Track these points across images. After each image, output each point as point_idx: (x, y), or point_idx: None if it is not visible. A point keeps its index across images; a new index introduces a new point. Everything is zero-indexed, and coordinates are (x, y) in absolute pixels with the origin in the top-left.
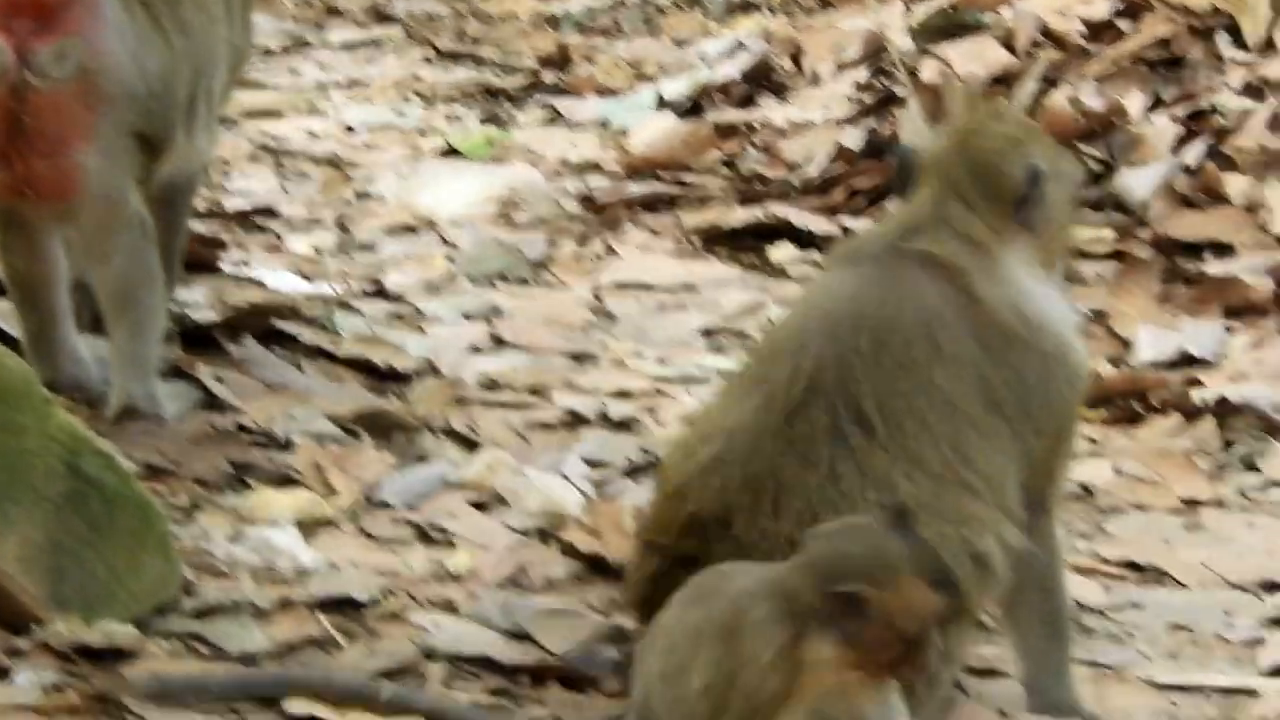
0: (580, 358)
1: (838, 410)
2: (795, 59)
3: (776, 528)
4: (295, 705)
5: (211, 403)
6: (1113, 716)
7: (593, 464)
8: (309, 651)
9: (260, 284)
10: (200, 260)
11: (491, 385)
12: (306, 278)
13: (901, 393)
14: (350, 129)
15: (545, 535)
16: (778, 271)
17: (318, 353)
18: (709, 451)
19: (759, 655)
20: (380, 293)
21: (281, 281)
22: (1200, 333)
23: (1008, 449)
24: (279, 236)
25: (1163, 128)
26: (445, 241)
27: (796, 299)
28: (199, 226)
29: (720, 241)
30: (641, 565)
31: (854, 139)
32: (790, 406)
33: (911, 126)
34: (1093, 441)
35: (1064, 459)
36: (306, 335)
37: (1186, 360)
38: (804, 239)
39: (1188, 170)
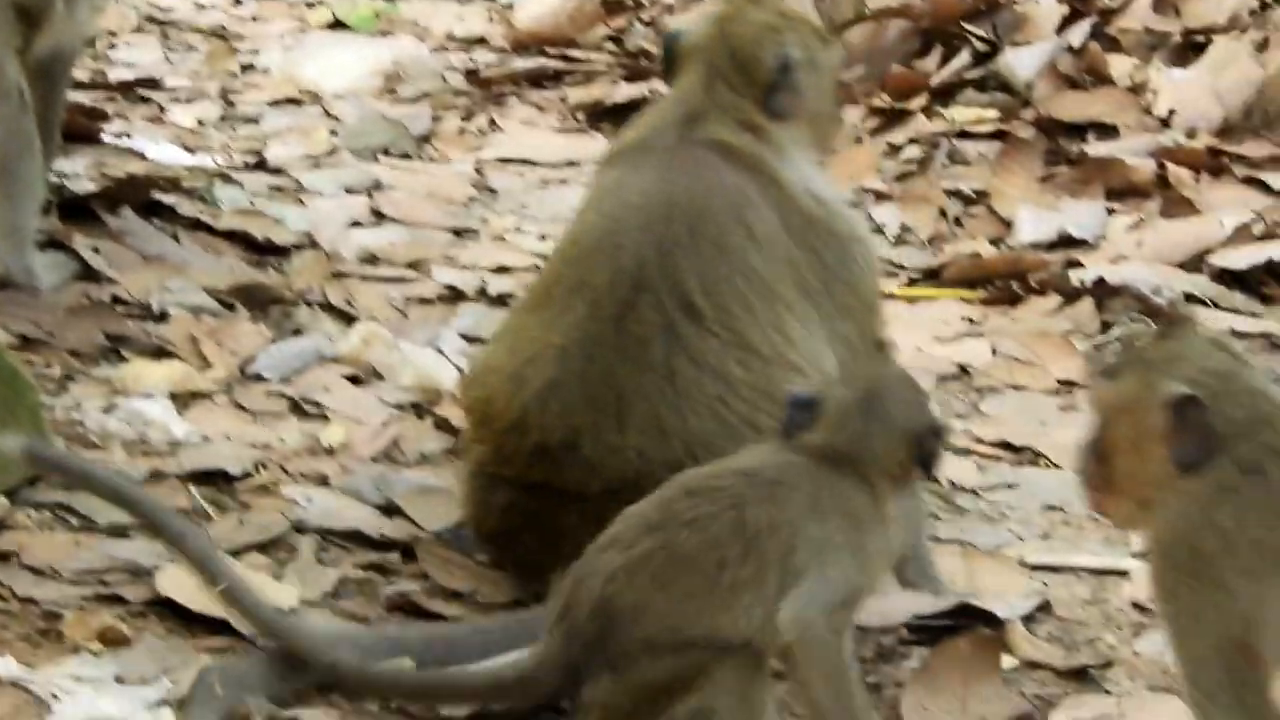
0: (461, 233)
1: (666, 305)
2: None
3: (623, 440)
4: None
5: (88, 274)
6: (984, 596)
7: (470, 339)
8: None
9: (141, 155)
10: (81, 131)
11: (370, 259)
12: (189, 149)
13: (724, 277)
14: (237, 0)
15: (420, 410)
16: None
17: (196, 225)
18: (543, 376)
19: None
20: (261, 165)
21: (163, 153)
22: (1081, 214)
23: (820, 332)
24: (162, 108)
25: (1048, 7)
26: (329, 115)
27: (590, 199)
28: (81, 97)
29: (605, 118)
30: (488, 499)
31: None
32: (618, 310)
33: (797, 4)
34: (971, 322)
35: (869, 334)
36: (185, 207)
37: (1067, 241)
38: None
39: (1072, 50)
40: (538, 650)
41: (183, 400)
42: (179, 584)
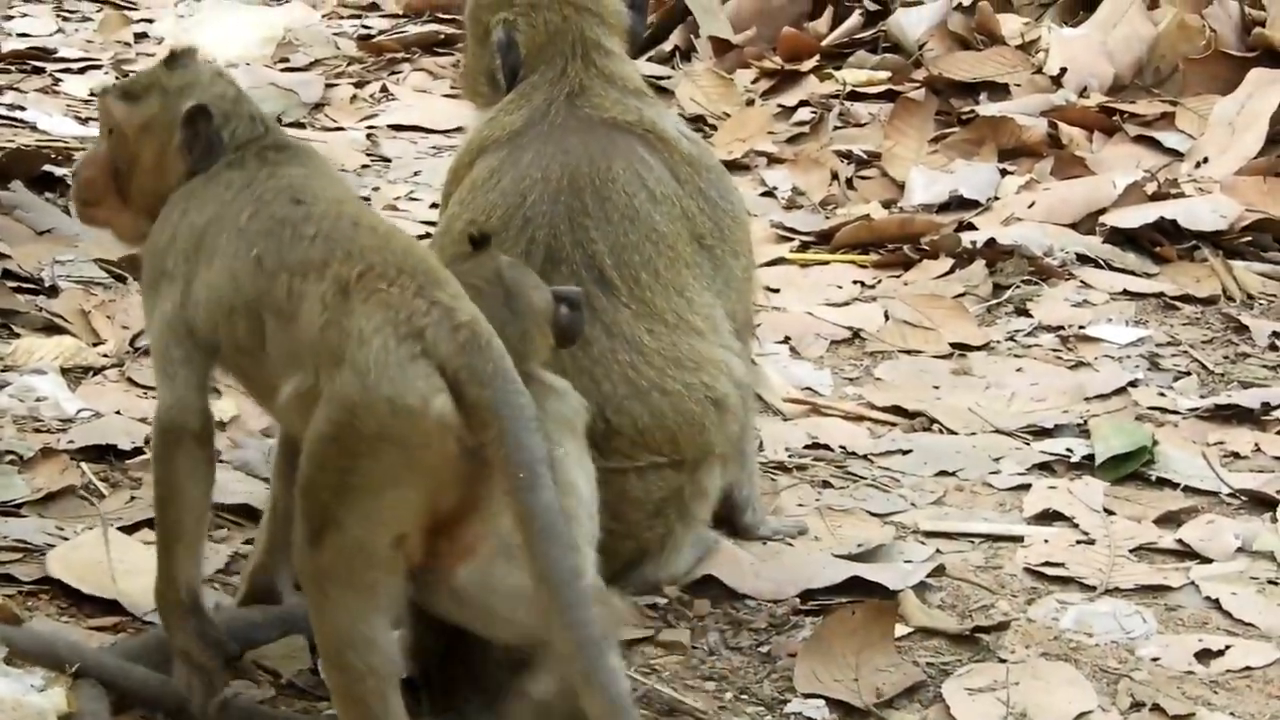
0: None
1: (581, 274)
2: None
3: None
4: None
5: None
6: (876, 565)
7: None
8: (70, 500)
9: (33, 126)
10: None
11: None
12: (81, 120)
13: (633, 245)
14: None
15: None
16: None
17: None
18: None
19: None
20: None
21: (55, 124)
22: (973, 175)
23: (711, 283)
24: (55, 79)
25: None
26: None
27: (478, 183)
28: None
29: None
30: None
31: None
32: None
33: None
34: (863, 285)
35: (755, 280)
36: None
37: (959, 203)
38: None
39: (963, 9)
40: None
41: (74, 375)
42: (68, 564)
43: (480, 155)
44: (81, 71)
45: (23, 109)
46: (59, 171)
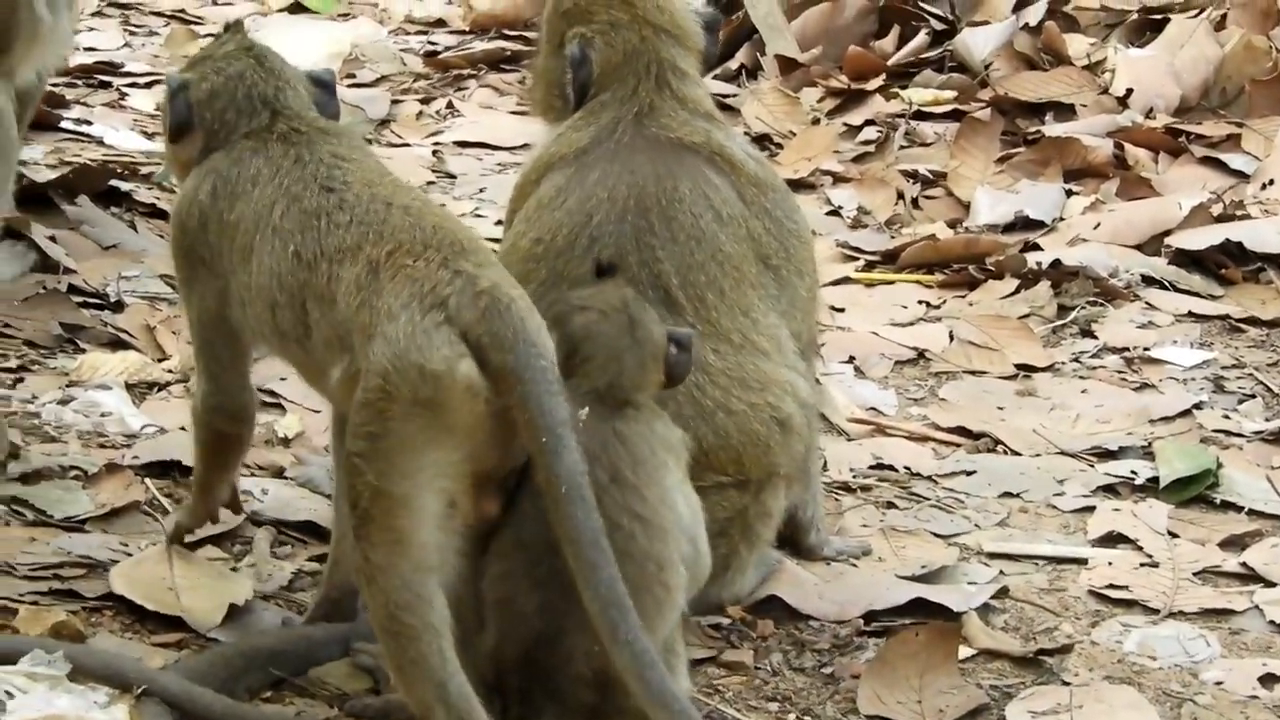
0: None
1: (647, 294)
2: None
3: None
4: None
5: (45, 263)
6: (940, 586)
7: None
8: (134, 516)
9: (100, 141)
10: (40, 118)
11: None
12: (147, 135)
13: (699, 265)
14: None
15: None
16: None
17: (154, 212)
18: None
19: None
20: None
21: (121, 139)
22: (1038, 195)
23: (776, 304)
24: (122, 93)
25: None
26: None
27: (544, 201)
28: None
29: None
30: None
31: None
32: None
33: None
34: (928, 306)
35: (819, 300)
36: (143, 194)
37: (1024, 223)
38: None
39: (1029, 30)
40: None
41: (139, 391)
42: (131, 580)
43: (547, 173)
44: (148, 86)
45: (89, 123)
46: (125, 187)
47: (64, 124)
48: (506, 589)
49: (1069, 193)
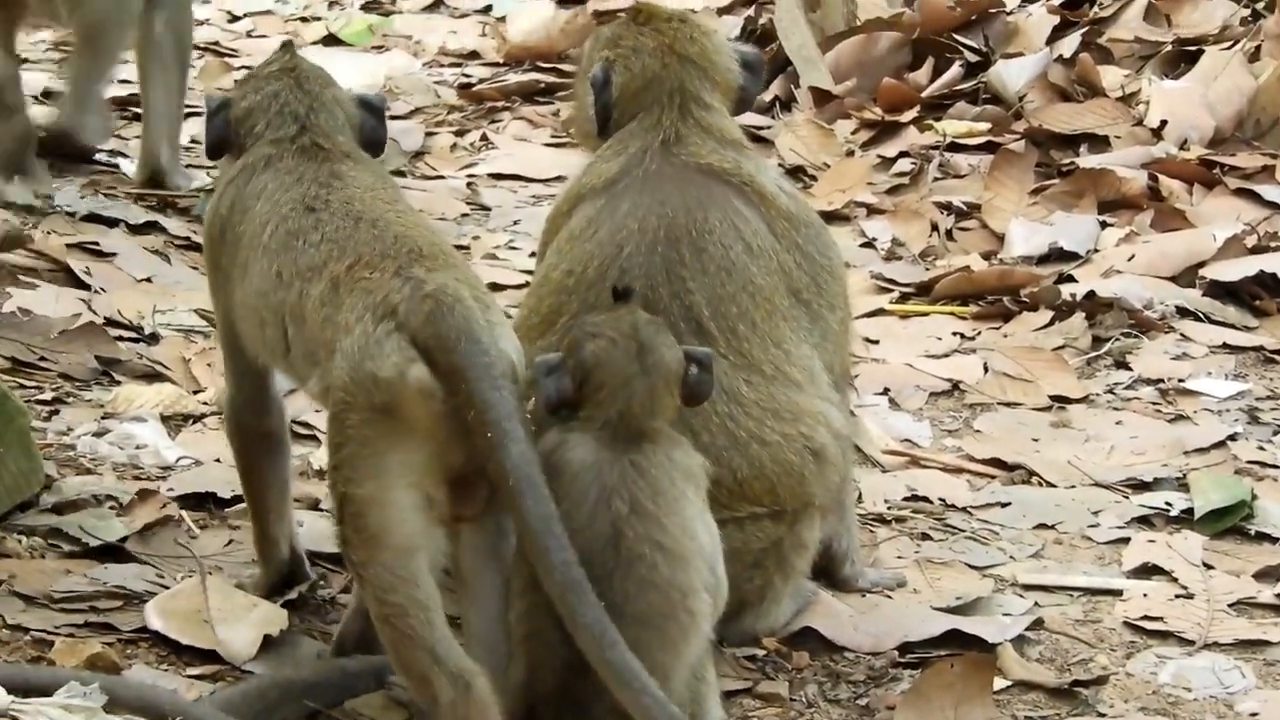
0: None
1: (679, 326)
2: None
3: None
4: None
5: (81, 296)
6: (975, 618)
7: None
8: (170, 548)
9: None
10: (75, 150)
11: None
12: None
13: (730, 296)
14: (234, 17)
15: None
16: None
17: (188, 244)
18: None
19: None
20: None
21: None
22: (1073, 227)
23: (808, 336)
24: None
25: (1039, 18)
26: None
27: (575, 233)
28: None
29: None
30: None
31: (731, 28)
32: None
33: (788, 17)
34: (963, 337)
35: (852, 332)
36: (175, 226)
37: (1059, 255)
38: None
39: (1063, 61)
40: None
41: (174, 423)
42: (166, 613)
43: (578, 204)
44: (184, 119)
45: (125, 155)
46: (158, 218)
47: (99, 156)
48: (533, 623)
49: (1103, 224)
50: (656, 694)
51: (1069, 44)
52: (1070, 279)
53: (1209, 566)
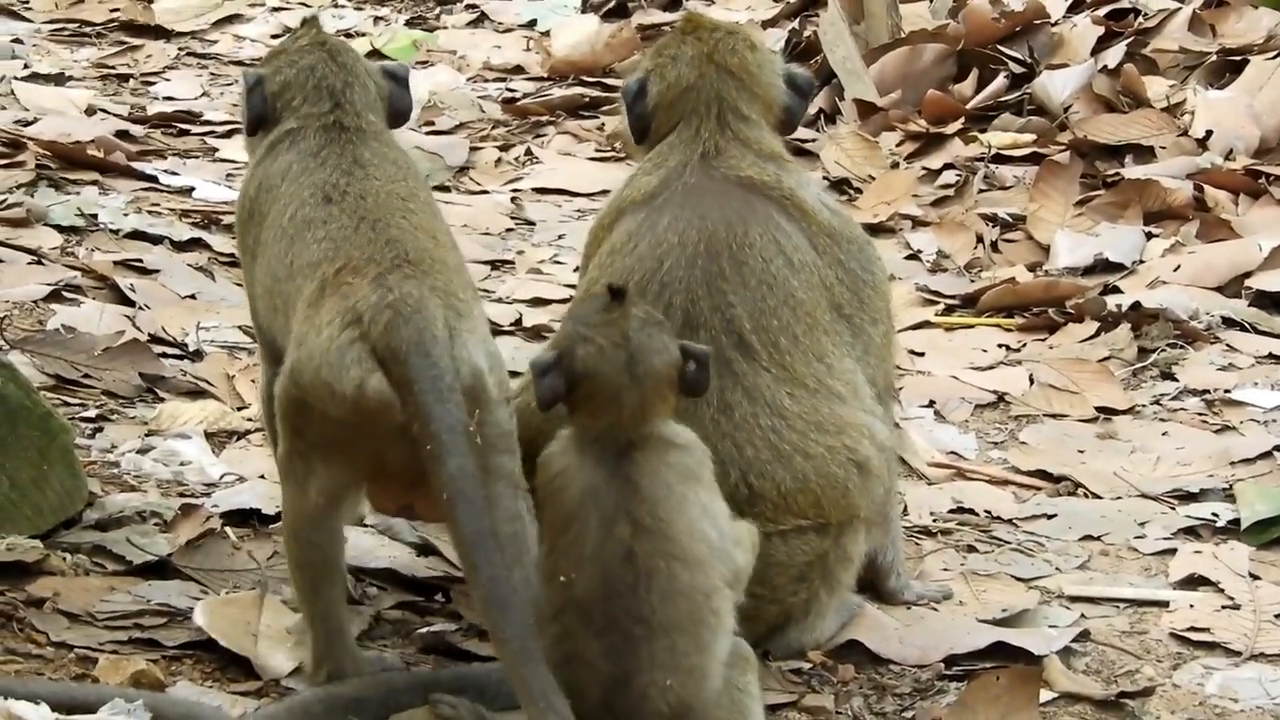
0: (497, 265)
1: (720, 340)
2: None
3: None
4: None
5: (125, 313)
6: (1021, 630)
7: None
8: (215, 564)
9: (178, 191)
10: (119, 165)
11: None
12: (222, 182)
13: (771, 310)
14: (277, 35)
15: None
16: None
17: (232, 261)
18: None
19: None
20: None
21: (202, 189)
22: (1118, 238)
23: (851, 350)
24: (205, 142)
25: (1084, 29)
26: None
27: (616, 246)
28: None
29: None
30: None
31: (775, 40)
32: None
33: (832, 29)
34: (1008, 349)
35: (895, 345)
36: (218, 243)
37: (1104, 266)
38: None
39: (1108, 72)
40: None
41: (218, 440)
42: (214, 617)
43: (619, 218)
44: (227, 135)
45: (176, 174)
46: (201, 235)
47: (149, 171)
48: (569, 646)
49: (1149, 235)
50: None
51: (1114, 55)
52: (1116, 290)
53: (1255, 577)
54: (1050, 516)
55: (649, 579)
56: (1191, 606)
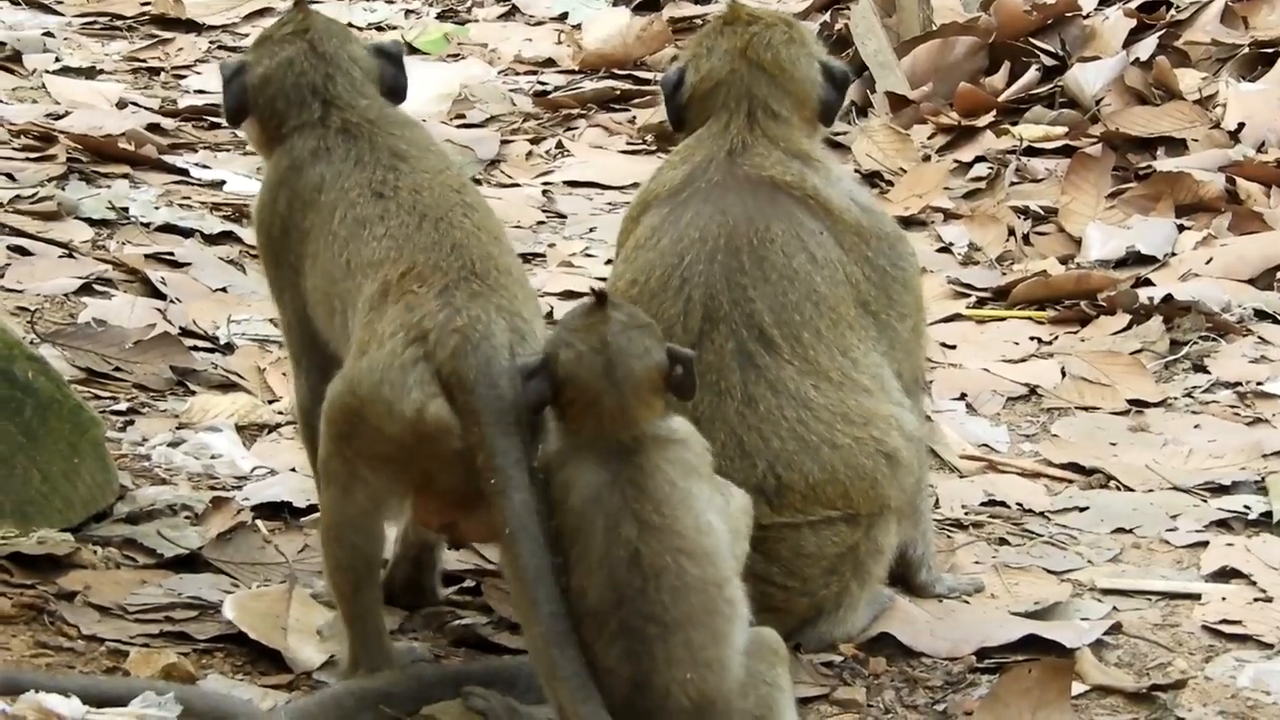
0: (529, 258)
1: (741, 333)
2: None
3: None
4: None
5: (157, 306)
6: (1053, 623)
7: None
8: (245, 556)
9: (203, 183)
10: (150, 158)
11: None
12: (252, 175)
13: (793, 305)
14: None
15: None
16: None
17: None
18: None
19: None
20: None
21: (232, 182)
22: (1150, 231)
23: (877, 344)
24: (235, 135)
25: (1115, 22)
26: None
27: (640, 240)
28: (154, 121)
29: (673, 139)
30: None
31: None
32: (693, 341)
33: (864, 22)
34: (1040, 342)
35: (925, 338)
36: (250, 237)
37: (1136, 258)
38: None
39: (1140, 64)
40: None
41: (249, 433)
42: (244, 610)
43: (645, 211)
44: None
45: (207, 167)
46: (232, 228)
47: (181, 165)
48: (588, 656)
49: (1180, 227)
50: None
51: (1146, 47)
52: (1148, 283)
53: None
54: (1082, 509)
55: (657, 577)
56: (1224, 599)
